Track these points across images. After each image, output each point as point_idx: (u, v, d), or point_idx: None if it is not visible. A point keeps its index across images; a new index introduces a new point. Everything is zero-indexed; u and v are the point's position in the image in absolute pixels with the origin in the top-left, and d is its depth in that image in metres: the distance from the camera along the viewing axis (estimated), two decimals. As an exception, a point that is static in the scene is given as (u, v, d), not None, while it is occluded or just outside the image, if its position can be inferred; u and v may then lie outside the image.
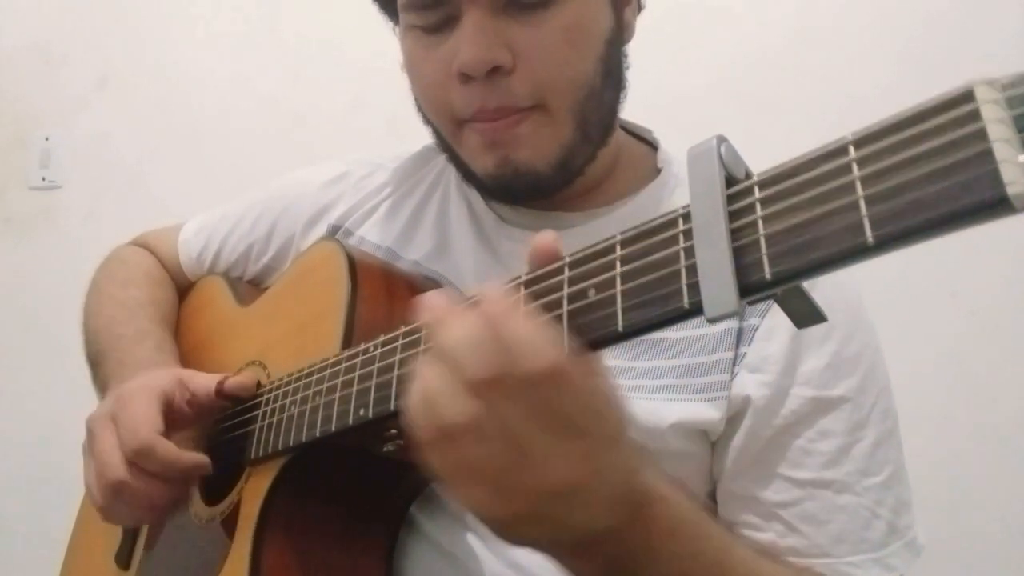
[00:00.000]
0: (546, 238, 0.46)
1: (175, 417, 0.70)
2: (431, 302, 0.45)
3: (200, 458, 0.69)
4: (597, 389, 0.42)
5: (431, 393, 0.42)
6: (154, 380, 0.71)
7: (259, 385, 0.74)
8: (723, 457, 0.67)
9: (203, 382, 0.72)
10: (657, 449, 0.64)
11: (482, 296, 0.42)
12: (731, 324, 0.67)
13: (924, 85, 0.35)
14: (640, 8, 0.76)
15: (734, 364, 0.66)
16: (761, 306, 0.66)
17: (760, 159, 0.39)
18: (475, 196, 0.80)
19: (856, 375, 0.67)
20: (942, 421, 1.38)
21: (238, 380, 0.73)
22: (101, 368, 0.85)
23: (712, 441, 0.67)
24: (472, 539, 0.67)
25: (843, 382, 0.66)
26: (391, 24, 0.76)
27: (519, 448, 0.40)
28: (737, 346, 0.66)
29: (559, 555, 0.48)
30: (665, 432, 0.64)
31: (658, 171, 0.78)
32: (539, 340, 0.40)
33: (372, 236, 0.83)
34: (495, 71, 0.65)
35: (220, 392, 0.71)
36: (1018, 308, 1.40)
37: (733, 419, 0.66)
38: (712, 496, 0.69)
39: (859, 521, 0.64)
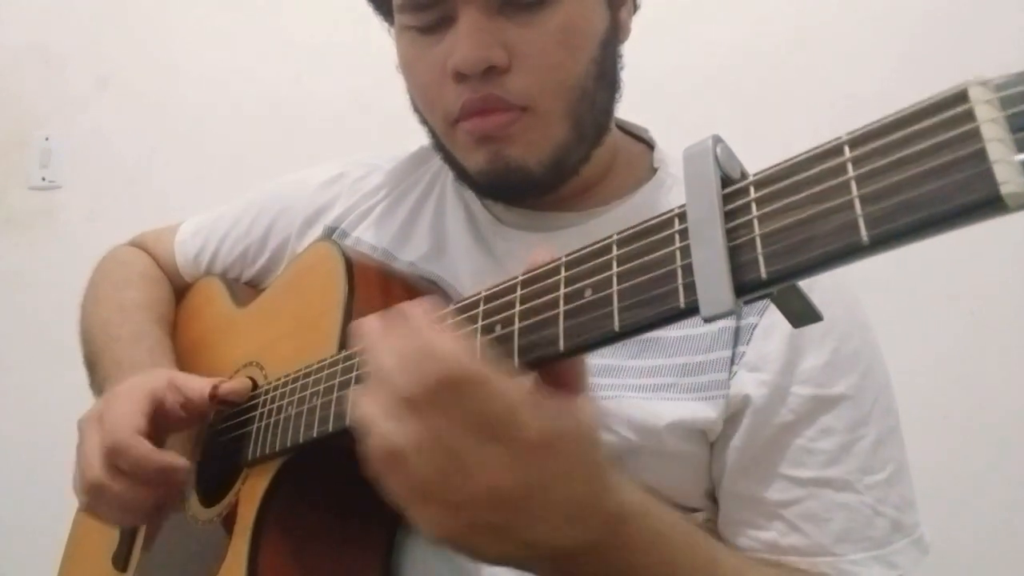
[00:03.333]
0: (541, 257, 0.46)
1: (167, 419, 0.70)
2: (361, 329, 0.47)
3: (175, 460, 0.67)
4: (508, 391, 0.42)
5: (369, 420, 0.43)
6: (144, 381, 0.71)
7: (256, 386, 0.74)
8: (723, 458, 0.67)
9: (196, 385, 0.71)
10: (654, 449, 0.64)
11: (403, 314, 0.44)
12: (729, 322, 0.66)
13: (924, 85, 0.34)
14: (636, 8, 0.76)
15: (732, 363, 0.66)
16: (759, 304, 0.66)
17: (759, 159, 0.39)
18: (471, 197, 0.80)
19: (856, 372, 0.67)
20: (942, 421, 1.38)
21: (231, 386, 0.72)
22: (97, 370, 0.85)
23: (711, 441, 0.67)
24: None
25: (843, 380, 0.66)
26: (387, 25, 0.76)
27: (453, 458, 0.41)
28: (735, 345, 0.66)
29: (543, 572, 0.49)
30: (662, 432, 0.64)
31: (654, 171, 0.78)
32: (448, 348, 0.41)
33: (368, 237, 0.83)
34: (490, 70, 0.65)
35: (213, 397, 0.71)
36: (1018, 308, 1.40)
37: (732, 419, 0.66)
38: (711, 496, 0.69)
39: (861, 519, 0.64)
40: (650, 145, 0.81)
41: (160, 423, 0.69)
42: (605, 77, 0.71)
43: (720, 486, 0.68)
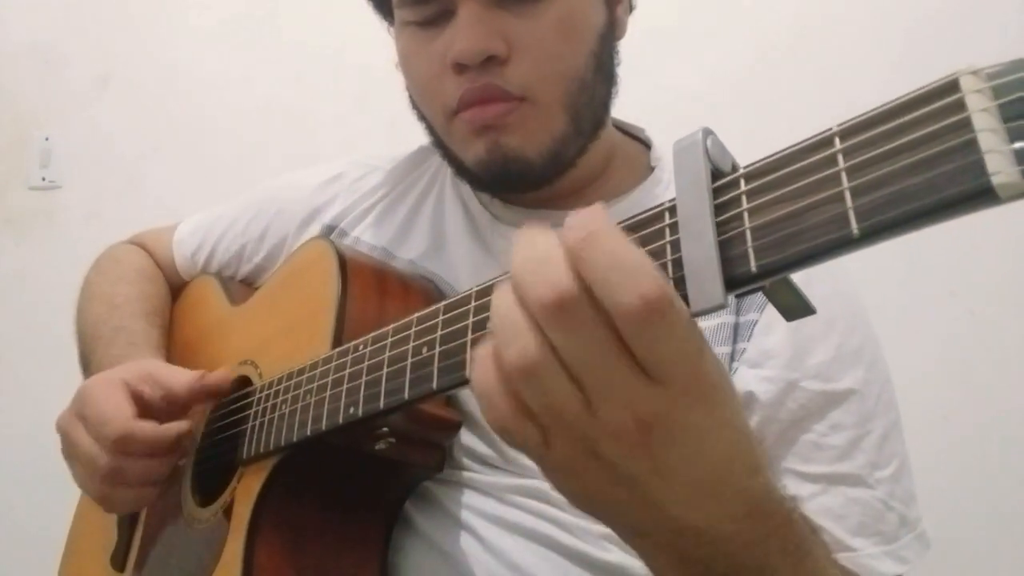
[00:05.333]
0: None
1: (150, 412, 0.70)
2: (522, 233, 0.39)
3: (181, 425, 0.70)
4: (692, 337, 0.35)
5: (499, 323, 0.37)
6: (115, 373, 0.72)
7: (250, 383, 0.74)
8: None
9: (179, 378, 0.72)
10: None
11: (574, 215, 0.36)
12: (728, 319, 0.66)
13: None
14: (632, 7, 0.77)
15: (732, 359, 0.66)
16: (759, 300, 0.66)
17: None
18: (470, 196, 0.80)
19: (861, 367, 0.67)
20: (942, 421, 1.37)
21: (216, 376, 0.73)
22: (89, 369, 0.86)
23: None
24: (468, 538, 0.67)
25: (849, 374, 0.66)
26: (386, 24, 0.77)
27: (594, 384, 0.35)
28: (735, 341, 0.66)
29: (647, 547, 0.43)
30: None
31: (651, 169, 0.78)
32: (643, 264, 0.34)
33: (367, 236, 0.83)
34: (489, 60, 0.65)
35: (201, 391, 0.72)
36: (1018, 308, 1.40)
37: None
38: None
39: (873, 514, 0.64)
40: (648, 144, 0.81)
41: (143, 414, 0.70)
42: (603, 70, 0.71)
43: None
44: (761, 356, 0.65)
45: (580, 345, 0.35)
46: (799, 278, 0.36)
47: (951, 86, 0.29)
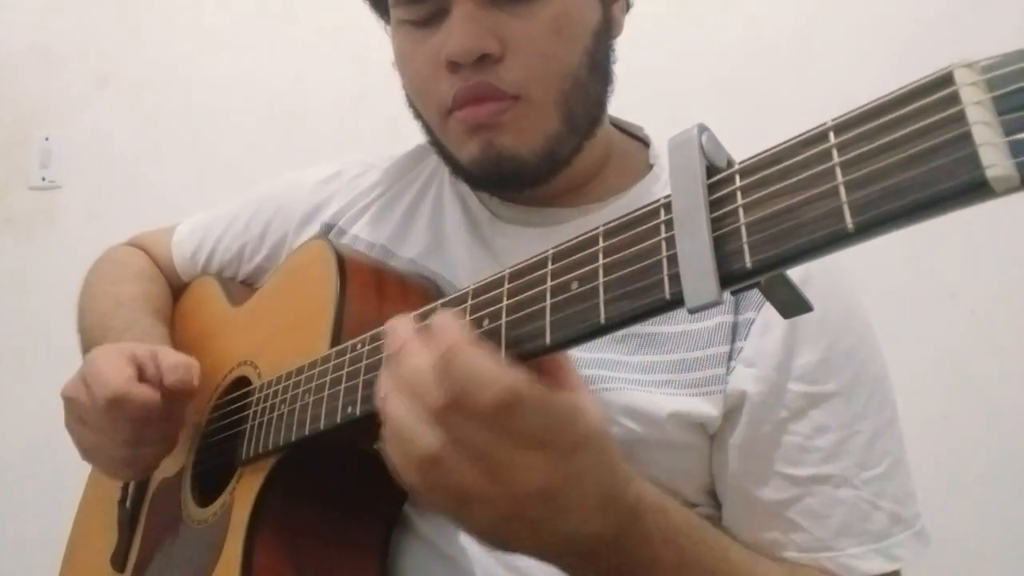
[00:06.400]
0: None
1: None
2: (392, 327, 0.48)
3: (184, 359, 0.72)
4: (553, 404, 0.42)
5: (398, 425, 0.44)
6: (124, 344, 0.73)
7: (249, 384, 0.74)
8: (722, 454, 0.67)
9: (171, 362, 0.71)
10: (657, 440, 0.64)
11: (433, 324, 0.45)
12: (727, 318, 0.66)
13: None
14: (628, 6, 0.76)
15: (730, 358, 0.66)
16: (757, 299, 0.66)
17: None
18: (469, 194, 0.80)
19: (850, 369, 0.66)
20: (942, 421, 1.37)
21: (188, 377, 0.72)
22: None
23: (710, 434, 0.67)
24: (468, 539, 0.67)
25: (836, 377, 0.66)
26: (382, 23, 0.77)
27: (489, 466, 0.42)
28: (733, 340, 0.66)
29: (563, 565, 0.50)
30: (664, 422, 0.64)
31: (650, 167, 0.78)
32: (489, 371, 0.41)
33: (365, 234, 0.83)
34: (483, 59, 0.65)
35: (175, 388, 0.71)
36: (1018, 308, 1.40)
37: (730, 414, 0.66)
38: (710, 492, 0.69)
39: (859, 514, 0.64)
40: (646, 143, 0.81)
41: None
42: (598, 69, 0.71)
43: (721, 483, 0.68)
44: (756, 356, 0.65)
45: (467, 438, 0.42)
46: (797, 277, 0.36)
47: (945, 79, 0.29)
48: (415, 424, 0.43)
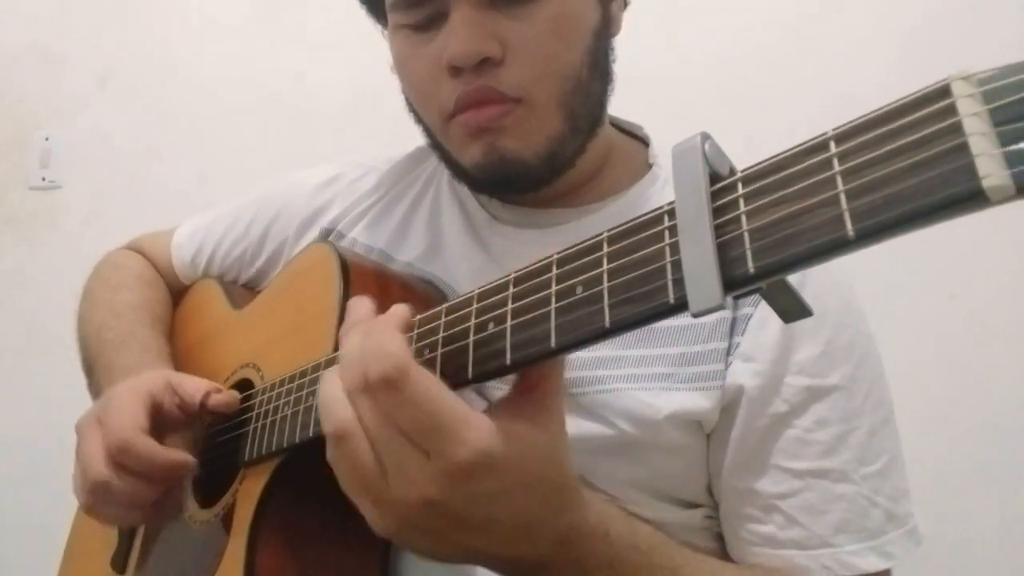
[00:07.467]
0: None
1: (166, 420, 0.70)
2: (350, 306, 0.51)
3: (181, 456, 0.67)
4: (436, 400, 0.43)
5: (322, 399, 0.47)
6: (141, 382, 0.71)
7: (252, 386, 0.74)
8: (720, 450, 0.67)
9: (190, 388, 0.71)
10: (653, 443, 0.65)
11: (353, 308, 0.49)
12: (726, 313, 0.67)
13: (923, 85, 0.35)
14: (626, 4, 0.76)
15: (728, 353, 0.66)
16: (754, 296, 0.66)
17: (758, 157, 0.39)
18: (467, 195, 0.80)
19: (850, 363, 0.67)
20: (941, 421, 1.38)
21: (221, 399, 0.71)
22: (93, 375, 0.85)
23: (707, 433, 0.67)
24: None
25: (837, 370, 0.66)
26: (380, 26, 0.77)
27: (390, 455, 0.44)
28: (731, 335, 0.66)
29: (497, 570, 0.51)
30: (661, 424, 0.64)
31: (649, 167, 0.78)
32: (387, 346, 0.43)
33: (364, 238, 0.83)
34: (484, 63, 0.65)
35: (203, 406, 0.71)
36: (1018, 308, 1.40)
37: (727, 409, 0.66)
38: (710, 491, 0.69)
39: (857, 510, 0.64)
40: (645, 142, 0.81)
41: (159, 423, 0.69)
42: (598, 68, 0.71)
43: (718, 480, 0.68)
44: (754, 350, 0.66)
45: (366, 417, 0.44)
46: (795, 275, 0.37)
47: (943, 91, 0.30)
48: (333, 397, 0.46)
